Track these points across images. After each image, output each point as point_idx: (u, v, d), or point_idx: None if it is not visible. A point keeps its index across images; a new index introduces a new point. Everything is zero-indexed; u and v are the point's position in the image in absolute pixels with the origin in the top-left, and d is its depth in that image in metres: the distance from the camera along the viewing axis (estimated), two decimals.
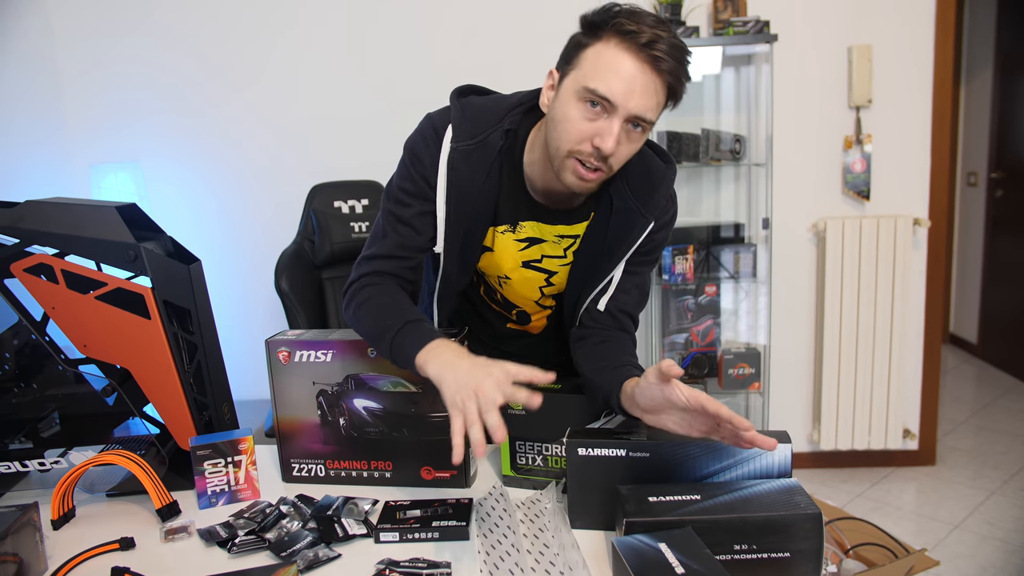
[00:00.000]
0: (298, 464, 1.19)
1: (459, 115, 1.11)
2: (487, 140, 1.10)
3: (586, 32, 0.99)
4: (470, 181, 1.11)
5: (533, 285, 1.23)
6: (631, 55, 0.95)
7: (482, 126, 1.11)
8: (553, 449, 1.10)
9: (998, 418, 3.42)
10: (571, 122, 0.99)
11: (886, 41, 2.68)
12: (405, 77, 2.77)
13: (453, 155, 1.11)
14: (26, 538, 0.93)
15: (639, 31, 0.94)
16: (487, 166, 1.11)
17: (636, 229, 1.14)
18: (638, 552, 0.75)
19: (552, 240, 1.18)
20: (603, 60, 0.96)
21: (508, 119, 1.12)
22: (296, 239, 2.21)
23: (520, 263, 1.20)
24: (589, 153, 1.00)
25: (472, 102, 1.14)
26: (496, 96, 1.17)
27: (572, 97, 0.99)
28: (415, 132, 1.15)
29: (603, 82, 0.96)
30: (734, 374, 2.75)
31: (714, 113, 2.78)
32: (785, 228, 2.80)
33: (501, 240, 1.18)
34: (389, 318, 1.06)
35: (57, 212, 1.14)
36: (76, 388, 1.15)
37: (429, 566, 0.90)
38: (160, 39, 2.79)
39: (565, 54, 1.03)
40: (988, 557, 2.31)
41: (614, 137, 0.98)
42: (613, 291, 1.18)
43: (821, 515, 0.81)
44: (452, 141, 1.11)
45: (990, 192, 4.06)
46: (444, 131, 1.12)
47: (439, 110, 1.16)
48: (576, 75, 0.99)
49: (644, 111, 0.97)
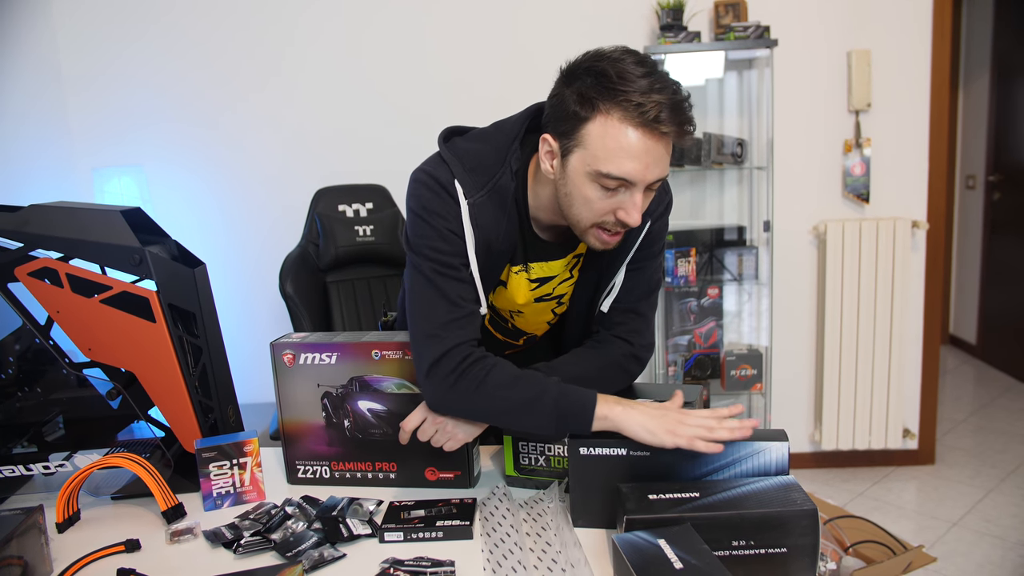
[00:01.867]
0: (303, 466, 1.20)
1: (460, 167, 1.05)
2: (497, 186, 1.05)
3: (581, 103, 0.94)
4: (494, 231, 1.06)
5: (546, 312, 1.23)
6: (639, 132, 0.92)
7: (486, 173, 1.05)
8: (556, 449, 1.11)
9: (997, 417, 3.43)
10: (591, 202, 0.98)
11: (885, 46, 2.70)
12: (409, 81, 2.79)
13: (473, 211, 1.04)
14: (31, 541, 0.94)
15: (643, 106, 0.90)
16: (505, 210, 1.07)
17: (634, 231, 1.13)
18: (638, 548, 0.76)
19: (562, 271, 1.18)
20: (611, 142, 0.93)
21: (512, 159, 1.06)
22: (301, 243, 2.22)
23: (533, 299, 1.19)
24: (613, 223, 1.00)
25: (463, 149, 1.08)
26: (480, 134, 1.11)
27: (586, 179, 0.97)
28: (419, 191, 1.05)
29: (616, 165, 0.94)
30: (736, 375, 2.76)
31: (717, 117, 2.80)
32: (786, 231, 2.82)
33: (515, 279, 1.16)
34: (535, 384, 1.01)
35: (61, 216, 1.15)
36: (80, 392, 1.16)
37: (433, 565, 0.91)
38: (165, 44, 2.81)
39: (561, 125, 0.97)
40: (985, 554, 2.33)
41: (639, 209, 0.97)
42: (619, 292, 1.18)
43: (817, 511, 0.82)
44: (465, 197, 1.04)
45: (988, 195, 4.08)
46: (452, 186, 1.05)
47: (429, 164, 1.07)
48: (583, 155, 0.96)
49: (660, 175, 0.97)
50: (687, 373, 2.80)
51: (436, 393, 1.02)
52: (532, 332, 1.28)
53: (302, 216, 2.29)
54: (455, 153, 1.07)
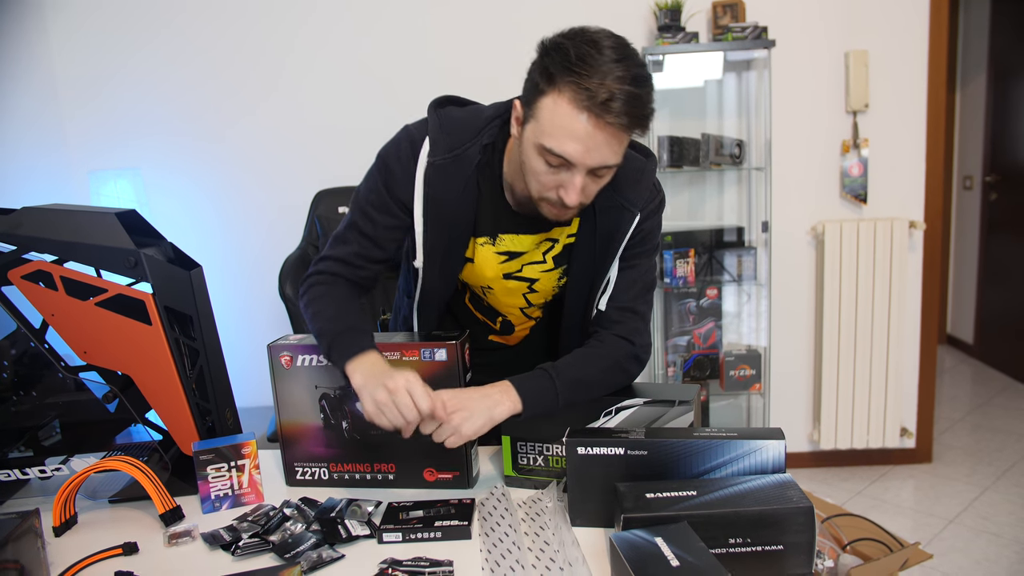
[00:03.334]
0: (301, 468, 1.20)
1: (437, 128, 1.11)
2: (464, 154, 1.11)
3: (542, 75, 0.96)
4: (446, 195, 1.12)
5: (516, 293, 1.24)
6: (586, 114, 0.92)
7: (460, 140, 1.11)
8: (554, 449, 1.11)
9: (994, 416, 3.44)
10: (536, 174, 1.01)
11: (882, 47, 2.71)
12: (408, 81, 2.79)
13: (429, 170, 1.11)
14: (27, 545, 0.93)
15: (594, 90, 0.91)
16: (464, 180, 1.11)
17: (624, 224, 1.14)
18: (635, 547, 0.76)
19: (532, 249, 1.19)
20: (557, 119, 0.94)
21: (486, 133, 1.11)
22: (301, 244, 2.22)
23: (501, 275, 1.21)
24: (556, 200, 1.02)
25: (450, 114, 1.14)
26: (474, 108, 1.17)
27: (534, 151, 0.99)
28: (390, 143, 1.15)
29: (558, 143, 0.95)
30: (735, 376, 2.76)
31: (716, 118, 2.81)
32: (784, 231, 2.82)
33: (481, 252, 1.19)
34: (331, 321, 1.11)
35: (56, 218, 1.14)
36: (76, 395, 1.15)
37: (432, 565, 0.91)
38: (161, 46, 2.81)
39: (526, 90, 1.01)
40: (982, 550, 2.35)
41: (576, 191, 0.99)
42: (612, 290, 1.18)
43: (813, 508, 0.82)
44: (429, 155, 1.11)
45: (985, 195, 4.09)
46: (421, 144, 1.12)
47: (417, 122, 1.15)
48: (534, 128, 0.98)
49: (603, 162, 0.97)
50: (686, 373, 2.80)
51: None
52: (506, 314, 1.28)
53: (300, 218, 2.28)
54: (440, 116, 1.13)
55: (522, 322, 1.30)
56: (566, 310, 1.23)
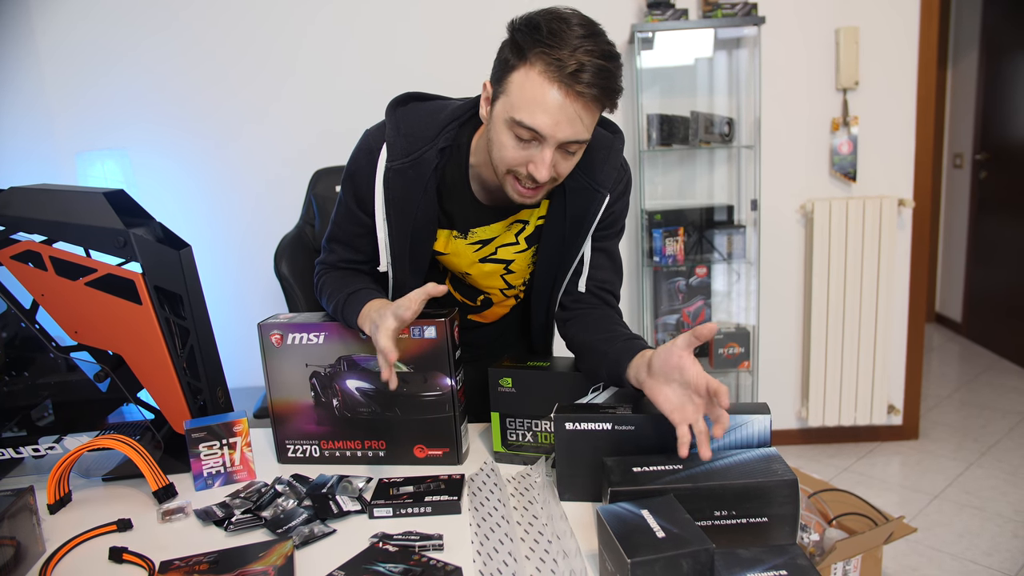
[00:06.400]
0: (293, 445, 1.21)
1: (394, 133, 1.12)
2: (421, 158, 1.11)
3: (513, 50, 0.97)
4: (406, 198, 1.14)
5: (494, 275, 1.26)
6: (555, 86, 0.93)
7: (416, 144, 1.11)
8: (543, 425, 1.12)
9: (980, 393, 3.49)
10: (505, 148, 1.01)
11: (873, 23, 2.70)
12: (405, 60, 2.76)
13: (388, 174, 1.13)
14: (23, 521, 0.94)
15: (563, 61, 0.91)
16: (423, 183, 1.12)
17: (594, 205, 1.15)
18: (621, 519, 0.77)
19: (503, 232, 1.20)
20: (527, 91, 0.95)
21: (443, 136, 1.11)
22: (298, 223, 2.22)
23: (476, 260, 1.23)
24: (526, 176, 1.02)
25: (409, 116, 1.13)
26: (435, 105, 1.16)
27: (504, 126, 0.99)
28: (354, 150, 1.18)
29: (528, 115, 0.95)
30: (724, 354, 2.78)
31: (706, 96, 2.80)
32: (774, 210, 2.83)
33: (454, 244, 1.21)
34: (336, 294, 1.17)
35: (44, 198, 1.14)
36: (68, 376, 1.16)
37: (422, 539, 0.92)
38: (146, 24, 2.76)
39: (496, 69, 1.01)
40: (965, 524, 2.40)
41: (546, 166, 0.99)
42: (588, 270, 1.20)
43: (797, 481, 0.84)
44: (387, 160, 1.12)
45: (975, 173, 4.10)
46: (379, 150, 1.13)
47: (376, 125, 1.17)
48: (505, 102, 0.99)
49: (574, 136, 0.97)
50: None
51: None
52: (487, 294, 1.30)
53: (288, 198, 2.28)
54: (398, 117, 1.14)
55: (502, 300, 1.32)
56: (534, 290, 1.26)
